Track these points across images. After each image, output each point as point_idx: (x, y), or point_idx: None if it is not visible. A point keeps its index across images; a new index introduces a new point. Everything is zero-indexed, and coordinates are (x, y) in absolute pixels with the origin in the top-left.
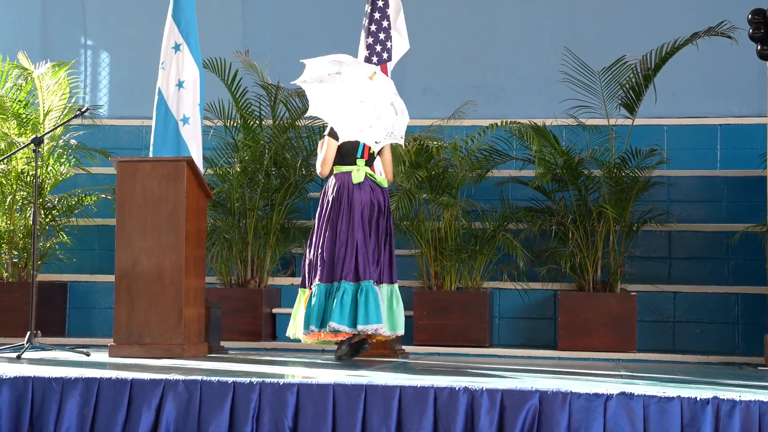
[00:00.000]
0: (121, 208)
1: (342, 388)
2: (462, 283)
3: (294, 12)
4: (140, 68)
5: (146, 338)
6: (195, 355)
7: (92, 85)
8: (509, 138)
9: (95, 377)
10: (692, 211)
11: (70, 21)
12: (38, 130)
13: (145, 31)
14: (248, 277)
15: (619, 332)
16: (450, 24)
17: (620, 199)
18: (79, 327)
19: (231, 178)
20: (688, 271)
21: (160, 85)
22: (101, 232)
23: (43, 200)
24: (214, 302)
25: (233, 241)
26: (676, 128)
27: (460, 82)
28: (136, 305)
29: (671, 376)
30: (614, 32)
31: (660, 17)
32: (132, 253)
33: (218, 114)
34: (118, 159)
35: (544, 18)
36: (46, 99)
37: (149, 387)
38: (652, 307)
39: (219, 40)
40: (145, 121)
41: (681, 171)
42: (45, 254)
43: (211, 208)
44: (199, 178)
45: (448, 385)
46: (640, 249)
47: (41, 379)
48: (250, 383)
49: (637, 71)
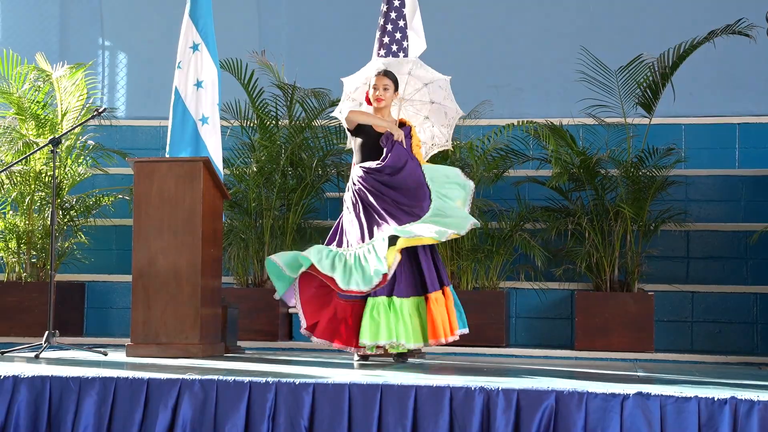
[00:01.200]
0: (138, 208)
1: (358, 388)
2: (478, 283)
3: (310, 12)
4: (157, 69)
5: (163, 338)
6: (211, 355)
7: (110, 85)
8: (526, 138)
9: (112, 377)
10: (710, 211)
11: (88, 22)
12: (56, 131)
13: (162, 31)
14: (265, 277)
15: (637, 332)
16: (467, 23)
17: (637, 198)
18: (97, 327)
19: (247, 178)
20: (706, 271)
21: (177, 85)
22: (118, 233)
23: (61, 201)
24: (231, 302)
25: (250, 241)
26: (693, 127)
27: (477, 82)
28: (153, 305)
29: (689, 376)
30: (631, 31)
31: (677, 16)
32: (149, 253)
33: (235, 114)
34: (135, 159)
35: (561, 17)
36: (64, 100)
37: (166, 386)
38: (669, 307)
39: (235, 41)
40: (162, 122)
41: (699, 170)
42: (63, 254)
43: (228, 208)
44: (215, 178)
45: (463, 385)
46: (658, 249)
47: (59, 378)
48: (266, 383)
49: (654, 70)
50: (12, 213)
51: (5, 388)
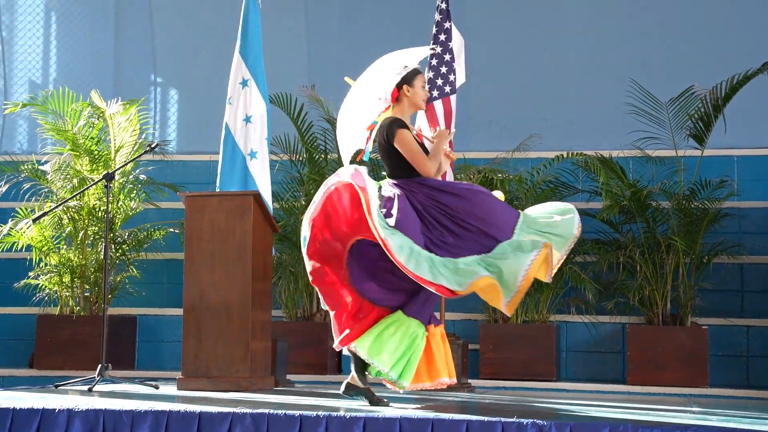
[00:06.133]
0: (189, 242)
1: (409, 422)
2: (528, 316)
3: (359, 45)
4: (208, 104)
5: (214, 371)
6: (262, 388)
7: (161, 121)
8: (575, 170)
9: (164, 410)
10: (765, 244)
11: (141, 59)
12: (109, 166)
13: (213, 67)
14: (314, 310)
15: (691, 367)
16: (516, 56)
17: (689, 231)
18: (148, 360)
19: (297, 212)
20: (762, 304)
21: (228, 120)
22: (170, 266)
23: (114, 235)
24: (281, 335)
25: (299, 275)
26: (746, 159)
27: (526, 115)
28: (204, 338)
29: (745, 412)
30: (681, 63)
31: (727, 47)
32: (200, 287)
33: (284, 148)
34: (186, 193)
35: (611, 49)
36: (117, 136)
37: (217, 420)
38: (724, 341)
39: (285, 75)
40: (212, 156)
41: (752, 202)
42: (115, 288)
43: (278, 241)
44: (265, 211)
45: (515, 420)
46: (711, 282)
47: (112, 411)
48: (317, 416)
49: (706, 101)
50: (66, 247)
51: (60, 421)
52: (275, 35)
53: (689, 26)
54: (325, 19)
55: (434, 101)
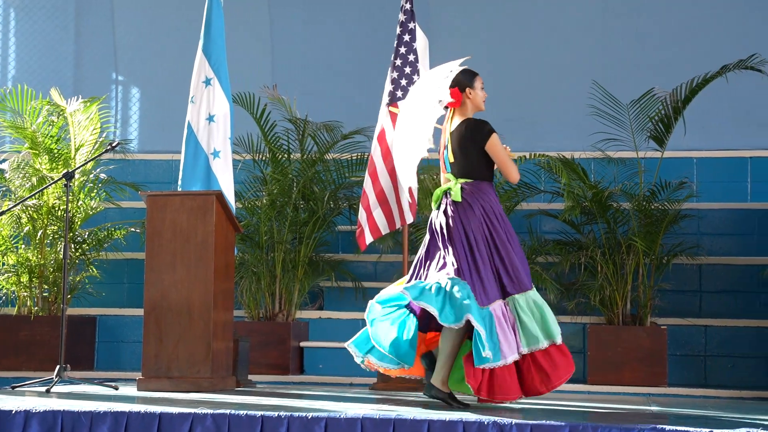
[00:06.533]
0: (150, 241)
1: (370, 422)
2: None
3: (323, 47)
4: (170, 103)
5: (174, 372)
6: (223, 389)
7: (123, 119)
8: (538, 171)
9: (124, 411)
10: (723, 244)
11: (102, 57)
12: (69, 165)
13: (175, 66)
14: (276, 310)
15: (650, 366)
16: (480, 57)
17: (650, 232)
18: (108, 361)
19: (259, 212)
20: (719, 305)
21: (190, 119)
22: (130, 266)
23: (74, 234)
24: (242, 336)
25: (261, 275)
26: (706, 161)
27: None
28: (165, 339)
29: (703, 411)
30: (642, 66)
31: (689, 51)
32: (161, 287)
33: (247, 148)
34: (147, 193)
35: (574, 51)
36: (78, 134)
37: (178, 420)
38: (682, 341)
39: (248, 75)
40: (174, 155)
41: (711, 203)
42: (75, 288)
43: (240, 241)
44: (227, 211)
45: (476, 419)
46: (671, 282)
47: (70, 412)
48: (278, 417)
49: (666, 104)
50: (24, 247)
51: (17, 422)
52: (238, 34)
53: (651, 29)
54: (289, 19)
55: (398, 101)
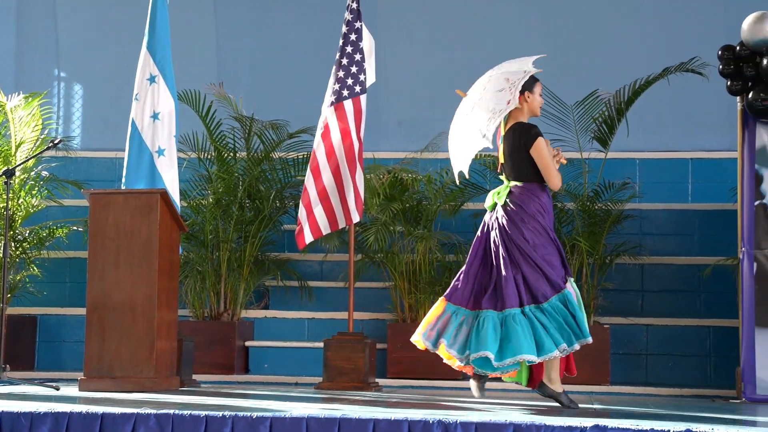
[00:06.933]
0: (93, 240)
1: (316, 422)
2: None
3: (269, 44)
4: (114, 100)
5: (117, 371)
6: (167, 389)
7: (65, 116)
8: (483, 171)
9: (65, 412)
10: (664, 245)
11: (44, 53)
12: (10, 162)
13: (119, 63)
14: (221, 309)
15: (593, 365)
16: (426, 56)
17: (593, 232)
18: (49, 361)
19: (204, 211)
20: (660, 304)
21: (134, 117)
22: (73, 265)
23: (14, 232)
24: (187, 335)
25: (206, 274)
26: (648, 162)
27: (435, 115)
28: (108, 338)
29: (644, 409)
30: (586, 67)
31: (633, 53)
32: (104, 286)
33: (192, 146)
34: (90, 191)
35: (519, 51)
36: (18, 131)
37: (120, 421)
38: (625, 339)
39: (194, 73)
40: (118, 153)
41: (653, 204)
42: (15, 287)
43: (184, 240)
44: (172, 210)
45: (422, 418)
46: (614, 282)
47: (9, 413)
48: (222, 417)
49: (610, 105)
50: None
51: None
52: (184, 31)
53: (595, 31)
54: (235, 15)
55: (344, 101)
